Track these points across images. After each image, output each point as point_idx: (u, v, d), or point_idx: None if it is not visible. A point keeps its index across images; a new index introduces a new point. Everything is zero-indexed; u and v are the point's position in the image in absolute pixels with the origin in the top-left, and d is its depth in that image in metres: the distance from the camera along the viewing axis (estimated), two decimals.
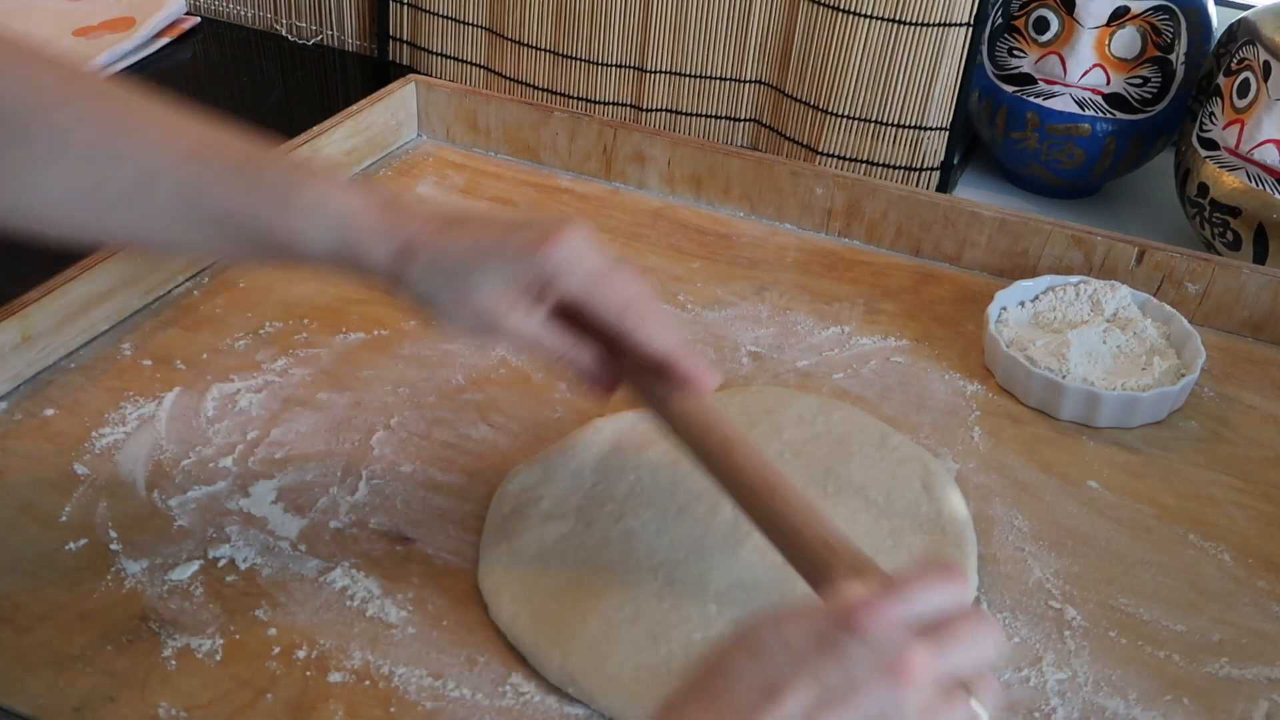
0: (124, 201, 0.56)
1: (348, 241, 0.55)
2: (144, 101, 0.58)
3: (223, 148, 0.57)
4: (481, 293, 0.55)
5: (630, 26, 1.02)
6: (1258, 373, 0.78)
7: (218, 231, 0.56)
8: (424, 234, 0.55)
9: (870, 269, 0.86)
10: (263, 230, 0.56)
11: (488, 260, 0.55)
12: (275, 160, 0.57)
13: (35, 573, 0.58)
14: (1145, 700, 0.55)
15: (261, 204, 0.55)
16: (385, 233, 0.55)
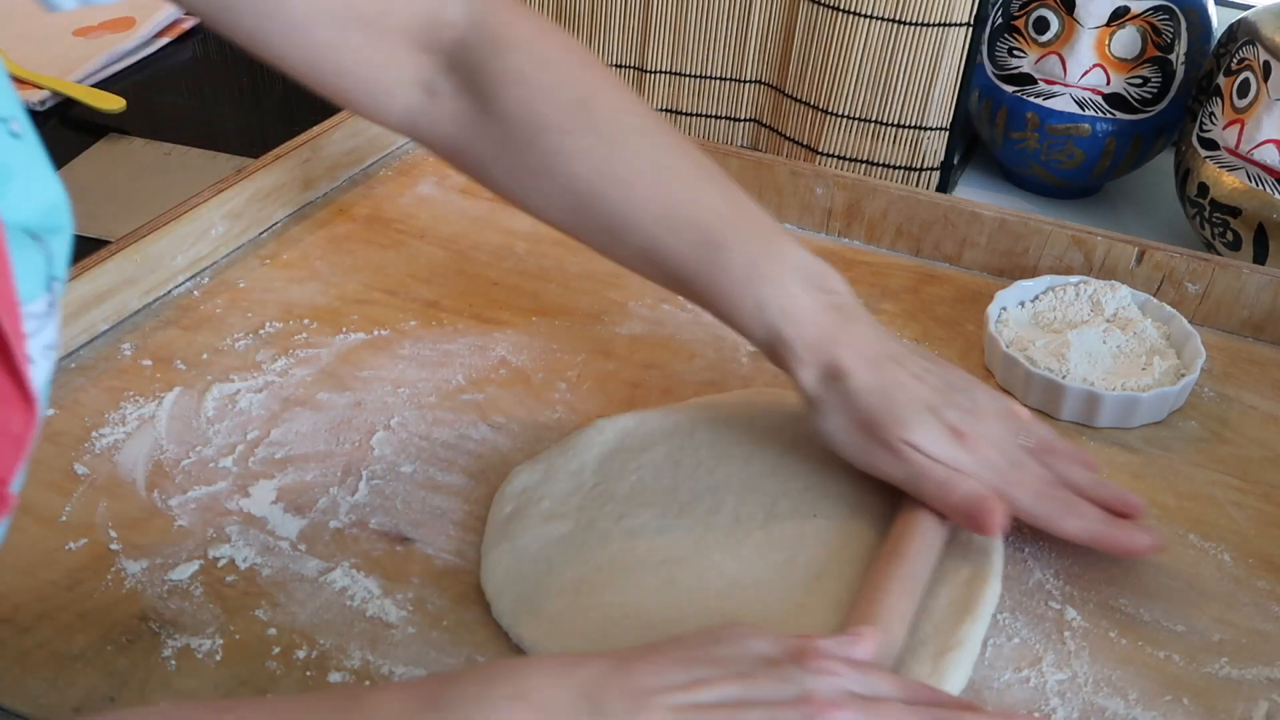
0: (598, 234, 0.62)
1: (780, 344, 0.59)
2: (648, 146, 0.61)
3: (695, 217, 0.60)
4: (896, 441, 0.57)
5: (630, 26, 1.02)
6: (1258, 373, 0.78)
7: (675, 287, 0.62)
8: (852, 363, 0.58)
9: (870, 269, 0.86)
10: (712, 305, 0.61)
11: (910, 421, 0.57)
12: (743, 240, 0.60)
13: (35, 573, 0.58)
14: (1145, 700, 0.55)
15: (716, 285, 0.60)
16: (814, 348, 0.59)
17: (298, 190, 0.87)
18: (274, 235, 0.85)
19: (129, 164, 0.98)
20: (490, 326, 0.77)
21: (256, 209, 0.84)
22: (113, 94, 1.05)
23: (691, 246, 0.60)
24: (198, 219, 0.79)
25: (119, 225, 0.83)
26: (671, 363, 0.75)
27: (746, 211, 0.61)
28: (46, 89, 1.05)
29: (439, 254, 0.84)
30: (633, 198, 0.60)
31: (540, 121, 0.60)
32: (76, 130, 1.02)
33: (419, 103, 0.62)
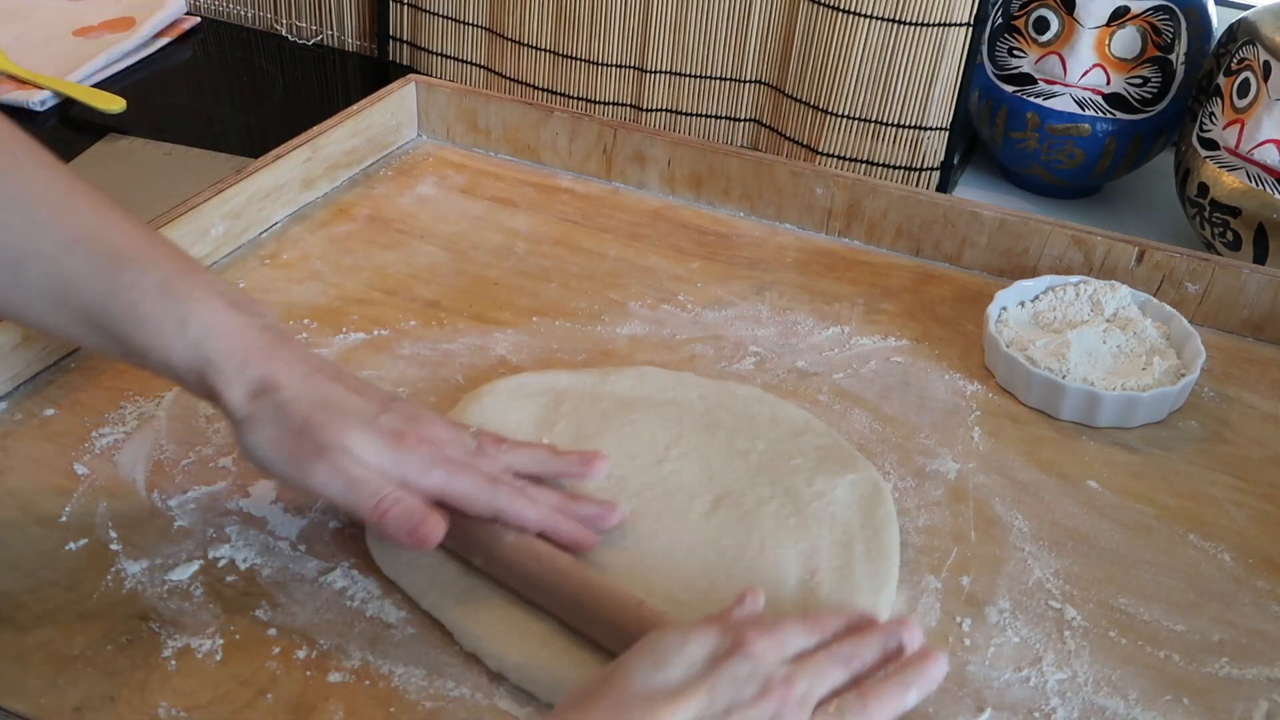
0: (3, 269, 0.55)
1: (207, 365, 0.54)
2: (45, 173, 0.56)
3: (105, 243, 0.55)
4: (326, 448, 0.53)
5: (630, 26, 1.02)
6: (1258, 373, 0.78)
7: (84, 326, 0.55)
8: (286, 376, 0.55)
9: (870, 269, 0.86)
10: (130, 332, 0.55)
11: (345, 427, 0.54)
12: (158, 261, 0.55)
13: (35, 573, 0.58)
14: (1145, 700, 0.55)
15: (133, 307, 0.54)
16: (242, 364, 0.55)
17: (298, 190, 0.87)
18: (274, 235, 0.85)
19: (129, 164, 0.98)
20: (490, 326, 0.77)
21: (256, 209, 0.84)
22: (113, 94, 1.05)
23: (103, 270, 0.54)
24: (198, 219, 0.79)
25: None
26: (671, 363, 0.75)
27: (159, 240, 0.58)
28: (46, 89, 1.05)
29: (439, 254, 0.84)
30: (35, 226, 0.54)
31: None
32: (76, 130, 1.02)
33: None
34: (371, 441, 0.54)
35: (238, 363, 0.54)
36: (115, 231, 0.56)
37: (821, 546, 0.60)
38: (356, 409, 0.55)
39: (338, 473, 0.53)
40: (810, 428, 0.67)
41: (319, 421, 0.54)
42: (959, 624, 0.58)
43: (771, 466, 0.64)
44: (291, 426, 0.54)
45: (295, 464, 0.54)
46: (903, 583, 0.60)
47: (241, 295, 0.57)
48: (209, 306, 0.55)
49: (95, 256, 0.54)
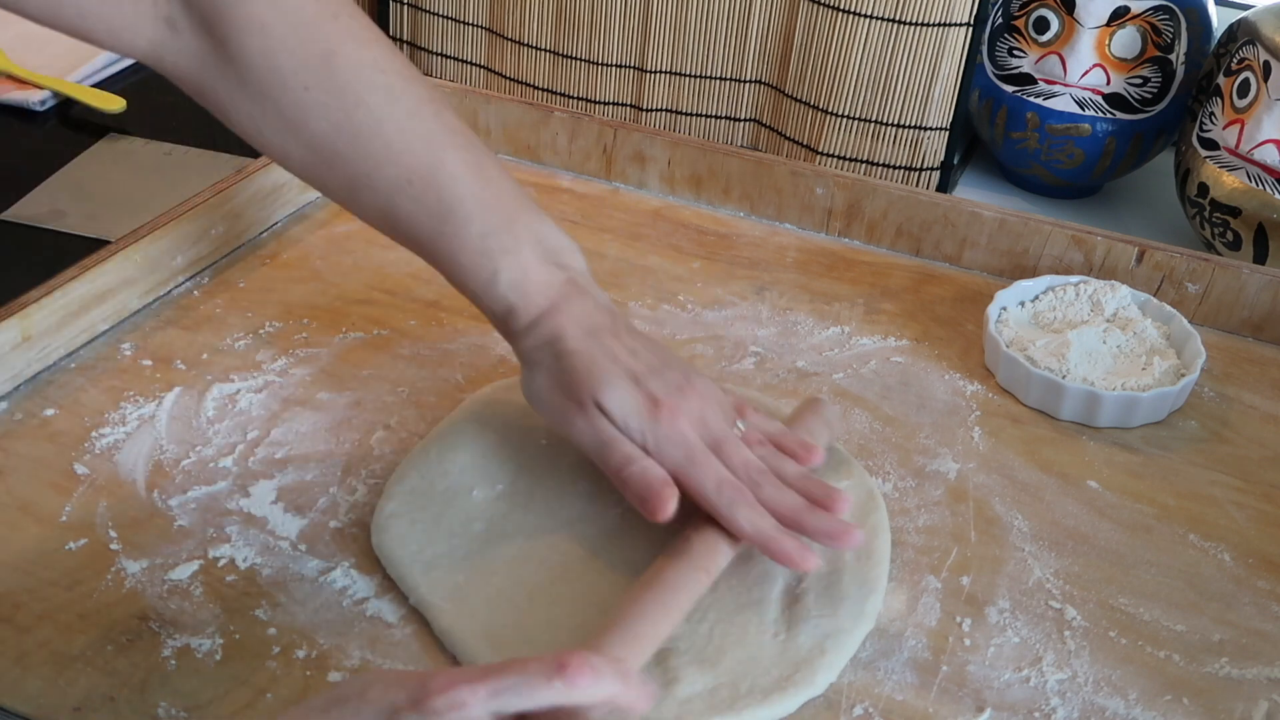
0: (338, 191, 0.61)
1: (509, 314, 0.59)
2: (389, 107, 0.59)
3: (434, 187, 0.59)
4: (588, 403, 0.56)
5: (630, 26, 1.02)
6: (1258, 373, 0.78)
7: (415, 251, 0.61)
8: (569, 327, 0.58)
9: (870, 269, 0.86)
10: (449, 274, 0.60)
11: (607, 386, 0.56)
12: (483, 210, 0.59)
13: (35, 573, 0.58)
14: (1145, 700, 0.55)
15: (452, 255, 0.59)
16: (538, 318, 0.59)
17: (298, 190, 0.87)
18: (274, 235, 0.85)
19: (129, 164, 0.98)
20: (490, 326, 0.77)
21: (256, 209, 0.84)
22: (113, 94, 1.05)
23: (428, 215, 0.59)
24: (198, 219, 0.79)
25: (119, 225, 0.83)
26: None
27: (490, 180, 0.60)
28: (46, 89, 1.05)
29: None
30: (370, 160, 0.59)
31: (279, 74, 0.58)
32: (76, 130, 1.02)
33: (162, 37, 0.59)
34: (628, 406, 0.56)
35: (534, 315, 0.59)
36: (446, 176, 0.59)
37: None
38: (624, 371, 0.57)
39: (592, 430, 0.57)
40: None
41: (584, 379, 0.57)
42: (959, 624, 0.58)
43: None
44: (561, 379, 0.57)
45: (558, 413, 0.58)
46: (903, 583, 0.60)
47: (556, 243, 0.60)
48: (519, 260, 0.59)
49: (423, 201, 0.59)
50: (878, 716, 0.54)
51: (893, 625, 0.58)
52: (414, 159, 0.59)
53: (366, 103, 0.59)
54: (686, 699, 0.52)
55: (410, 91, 0.60)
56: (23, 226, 0.89)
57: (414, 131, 0.59)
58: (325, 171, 0.60)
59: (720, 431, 0.57)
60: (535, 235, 0.60)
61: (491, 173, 0.61)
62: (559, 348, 0.58)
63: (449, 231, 0.59)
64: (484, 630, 0.55)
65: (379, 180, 0.59)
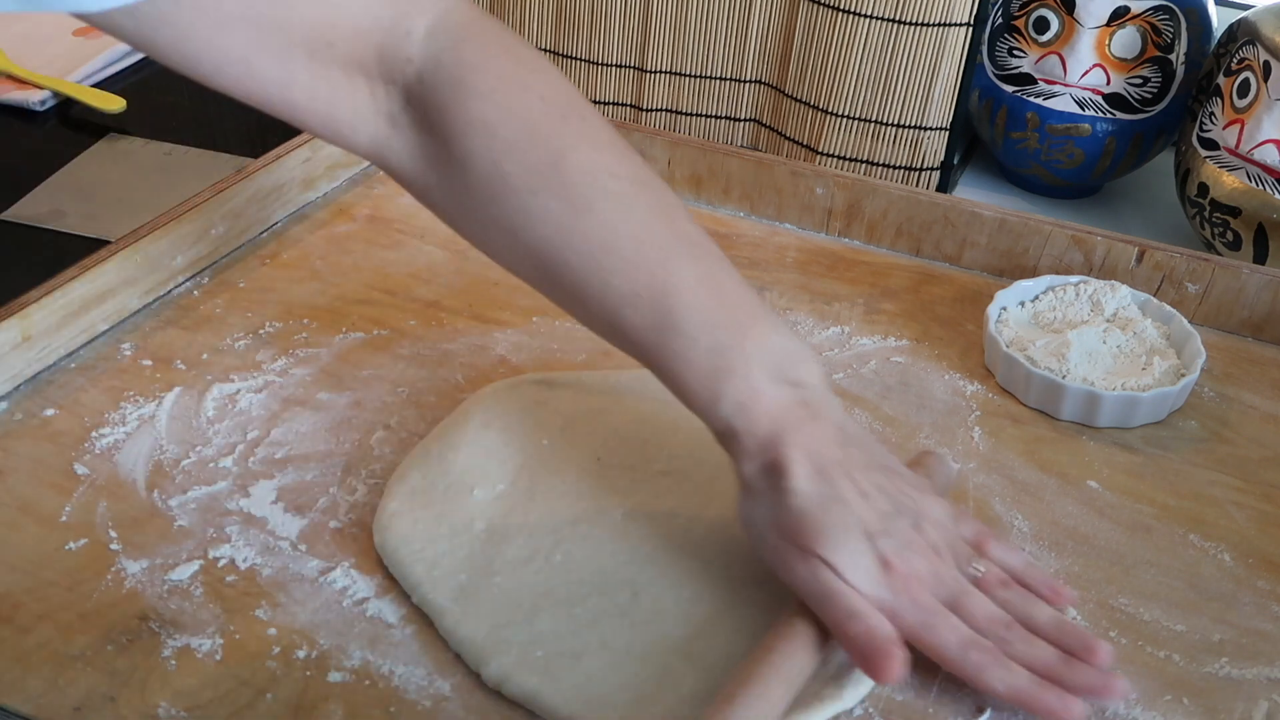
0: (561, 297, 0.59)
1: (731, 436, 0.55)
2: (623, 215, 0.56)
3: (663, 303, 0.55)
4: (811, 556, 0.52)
5: (630, 26, 1.02)
6: (1258, 373, 0.78)
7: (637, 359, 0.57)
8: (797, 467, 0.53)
9: (870, 269, 0.86)
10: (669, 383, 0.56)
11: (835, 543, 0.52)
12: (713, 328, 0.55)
13: (35, 573, 0.58)
14: (1145, 700, 0.55)
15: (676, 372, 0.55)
16: (763, 446, 0.54)
17: (298, 190, 0.87)
18: (274, 235, 0.85)
19: (129, 164, 0.98)
20: (490, 326, 0.77)
21: (256, 209, 0.84)
22: (113, 94, 1.05)
23: (654, 329, 0.55)
24: (198, 219, 0.79)
25: (119, 225, 0.83)
26: None
27: (721, 292, 0.56)
28: (46, 89, 1.05)
29: (439, 254, 0.84)
30: (599, 271, 0.56)
31: (504, 179, 0.56)
32: (76, 130, 1.02)
33: (384, 134, 0.58)
34: (859, 566, 0.52)
35: (760, 442, 0.54)
36: (674, 290, 0.55)
37: None
38: (857, 523, 0.52)
39: (816, 581, 0.52)
40: None
41: (812, 530, 0.52)
42: None
43: None
44: (784, 521, 0.53)
45: (777, 555, 0.54)
46: None
47: (789, 357, 0.55)
48: (747, 383, 0.54)
49: (650, 315, 0.55)
50: (878, 716, 0.54)
51: None
52: (643, 272, 0.55)
53: (597, 209, 0.56)
54: (696, 704, 0.52)
55: (643, 198, 0.57)
56: (23, 226, 0.89)
57: (647, 242, 0.56)
58: (548, 278, 0.58)
59: (958, 586, 0.53)
60: (766, 351, 0.55)
61: (725, 283, 0.56)
62: (783, 485, 0.53)
63: (675, 350, 0.55)
64: (488, 630, 0.55)
65: (607, 291, 0.56)
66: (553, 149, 0.56)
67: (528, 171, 0.56)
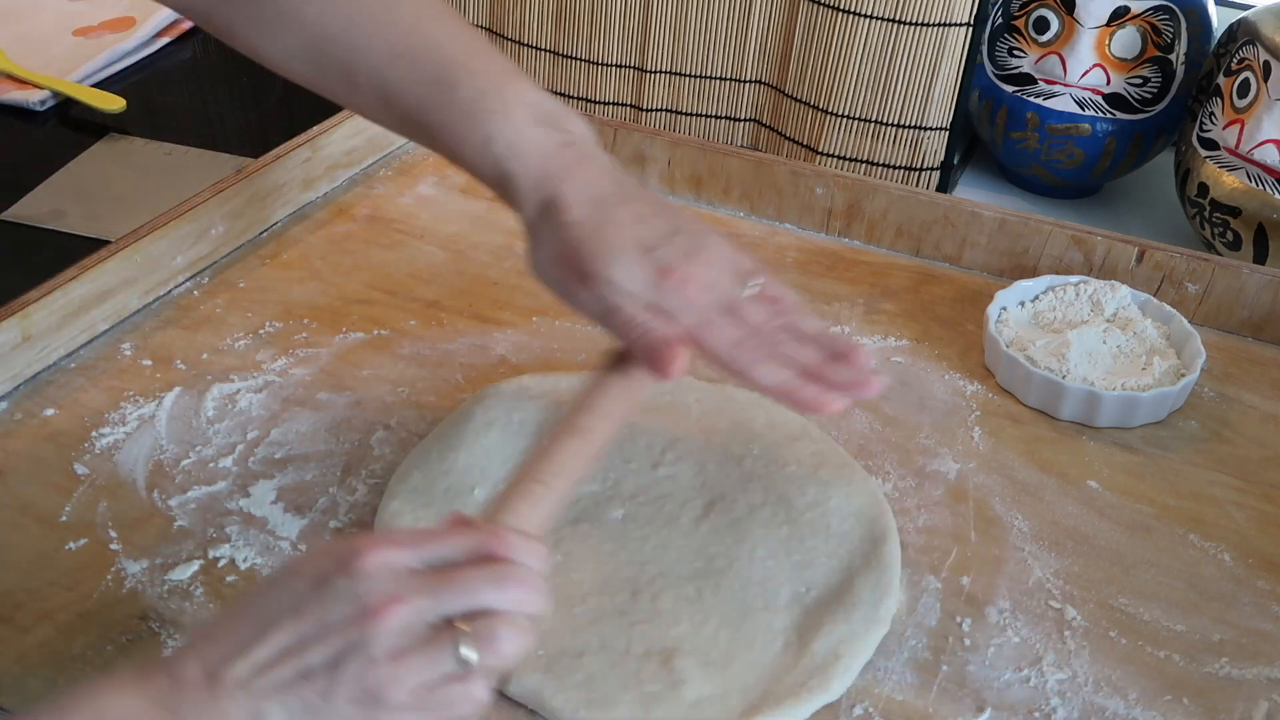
0: (336, 81, 0.61)
1: (506, 179, 0.57)
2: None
3: (424, 56, 0.59)
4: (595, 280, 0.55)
5: (630, 26, 1.02)
6: (1258, 373, 0.78)
7: (411, 130, 0.61)
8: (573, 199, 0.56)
9: (870, 269, 0.86)
10: (443, 143, 0.59)
11: (615, 262, 0.55)
12: (471, 76, 0.58)
13: (35, 573, 0.58)
14: (1145, 700, 0.55)
15: (445, 121, 0.58)
16: (537, 184, 0.57)
17: (298, 190, 0.87)
18: (274, 235, 0.85)
19: (129, 164, 0.98)
20: (490, 326, 0.77)
21: (256, 209, 0.84)
22: (113, 94, 1.05)
23: (421, 84, 0.59)
24: (198, 219, 0.79)
25: (119, 225, 0.83)
26: None
27: (480, 50, 0.60)
28: (46, 89, 1.05)
29: (439, 254, 0.84)
30: (361, 38, 0.59)
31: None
32: (76, 130, 1.02)
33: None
34: (635, 275, 0.55)
35: (534, 181, 0.57)
36: (433, 45, 0.59)
37: (817, 559, 0.60)
38: (633, 239, 0.56)
39: (597, 300, 0.55)
40: (806, 433, 0.67)
41: (590, 251, 0.55)
42: (959, 624, 0.58)
43: (766, 473, 0.64)
44: (565, 251, 0.56)
45: (563, 286, 0.57)
46: (903, 582, 0.60)
47: (553, 108, 0.59)
48: (512, 123, 0.57)
49: (414, 70, 0.59)
50: (878, 716, 0.54)
51: (893, 625, 0.58)
52: (404, 32, 0.59)
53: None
54: (695, 702, 0.52)
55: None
56: (23, 226, 0.89)
57: (401, 6, 0.60)
58: (321, 62, 0.61)
59: (733, 294, 0.57)
60: (529, 99, 0.58)
61: (480, 43, 0.61)
62: (561, 219, 0.56)
63: (441, 100, 0.58)
64: None
65: (372, 58, 0.59)
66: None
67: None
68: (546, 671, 0.53)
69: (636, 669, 0.54)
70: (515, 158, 0.57)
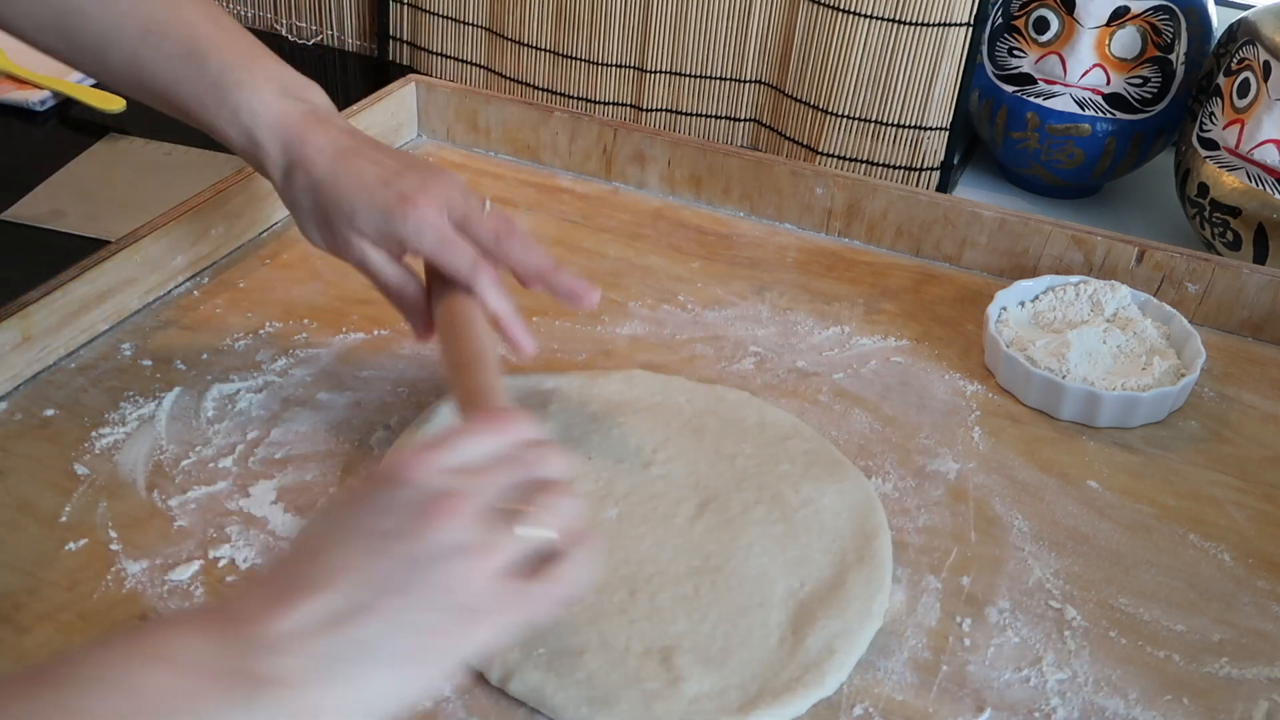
0: (85, 54, 0.64)
1: (256, 147, 0.63)
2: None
3: (174, 33, 0.63)
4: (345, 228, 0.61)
5: (630, 26, 1.02)
6: (1258, 373, 0.78)
7: (163, 104, 0.65)
8: (315, 157, 0.62)
9: (870, 269, 0.86)
10: (195, 115, 0.63)
11: (356, 203, 0.60)
12: (220, 51, 0.63)
13: (35, 573, 0.58)
14: (1145, 700, 0.55)
15: (195, 94, 0.63)
16: (283, 148, 0.62)
17: None
18: (274, 235, 0.85)
19: (129, 164, 0.98)
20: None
21: (256, 209, 0.84)
22: (113, 94, 1.05)
23: (171, 59, 0.62)
24: (198, 219, 0.79)
25: (119, 225, 0.83)
26: (671, 363, 0.75)
27: (228, 28, 0.64)
28: (46, 89, 1.05)
29: None
30: (112, 15, 0.62)
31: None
32: (76, 130, 1.02)
33: None
34: (373, 217, 0.60)
35: (280, 146, 0.62)
36: (184, 22, 0.63)
37: (811, 555, 0.60)
38: (372, 181, 0.61)
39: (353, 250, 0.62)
40: (798, 432, 0.68)
41: (336, 204, 0.61)
42: (959, 624, 0.58)
43: (758, 472, 0.65)
44: (322, 212, 0.62)
45: (333, 246, 0.63)
46: (903, 582, 0.60)
47: (295, 81, 0.64)
48: (258, 95, 0.62)
49: (165, 46, 0.62)
50: (878, 716, 0.54)
51: (893, 625, 0.58)
52: (153, 9, 0.63)
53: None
54: (695, 698, 0.53)
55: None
56: (23, 226, 0.89)
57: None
58: (70, 35, 0.63)
59: (467, 208, 0.61)
60: (273, 74, 0.63)
61: (228, 23, 0.65)
62: (309, 179, 0.62)
63: (189, 74, 0.62)
64: None
65: (122, 34, 0.62)
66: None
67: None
68: (547, 670, 0.53)
69: (636, 667, 0.54)
70: (261, 126, 0.62)
